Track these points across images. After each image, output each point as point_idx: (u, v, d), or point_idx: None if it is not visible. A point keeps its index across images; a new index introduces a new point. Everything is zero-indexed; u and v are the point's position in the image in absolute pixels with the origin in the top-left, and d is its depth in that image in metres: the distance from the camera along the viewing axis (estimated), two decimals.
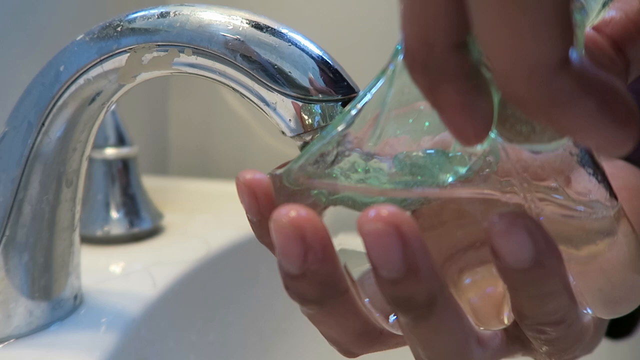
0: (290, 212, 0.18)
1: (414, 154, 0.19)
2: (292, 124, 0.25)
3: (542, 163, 0.19)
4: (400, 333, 0.20)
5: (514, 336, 0.22)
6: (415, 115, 0.19)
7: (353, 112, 0.19)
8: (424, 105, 0.18)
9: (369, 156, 0.19)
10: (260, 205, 0.21)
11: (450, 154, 0.19)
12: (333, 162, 0.19)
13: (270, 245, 0.22)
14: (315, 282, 0.19)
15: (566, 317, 0.20)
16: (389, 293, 0.18)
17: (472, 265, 0.20)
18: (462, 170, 0.19)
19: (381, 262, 0.17)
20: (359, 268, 0.20)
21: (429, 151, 0.19)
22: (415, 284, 0.17)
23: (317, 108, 0.25)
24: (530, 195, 0.19)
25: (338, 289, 0.19)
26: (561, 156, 0.19)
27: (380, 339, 0.22)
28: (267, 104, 0.25)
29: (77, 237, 0.33)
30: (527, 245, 0.17)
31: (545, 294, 0.18)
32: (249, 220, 0.22)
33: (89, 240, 0.44)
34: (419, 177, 0.19)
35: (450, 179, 0.19)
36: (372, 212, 0.17)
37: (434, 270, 0.18)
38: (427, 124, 0.19)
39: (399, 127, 0.19)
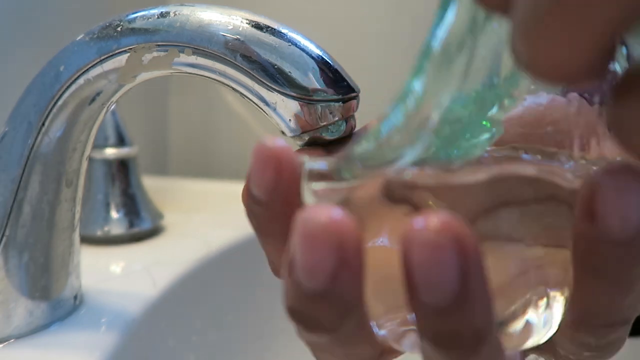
0: (325, 212, 0.14)
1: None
2: (292, 124, 0.25)
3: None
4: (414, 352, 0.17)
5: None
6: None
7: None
8: None
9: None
10: (281, 181, 0.17)
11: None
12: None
13: (272, 236, 0.19)
14: (338, 303, 0.15)
15: (634, 313, 0.17)
16: (429, 325, 0.15)
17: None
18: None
19: (429, 282, 0.14)
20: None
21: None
22: (466, 315, 0.14)
23: (317, 108, 0.25)
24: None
25: (358, 312, 0.16)
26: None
27: None
28: (267, 104, 0.25)
29: (77, 237, 0.33)
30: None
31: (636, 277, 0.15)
32: (254, 200, 0.18)
33: (89, 240, 0.44)
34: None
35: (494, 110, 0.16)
36: (421, 220, 0.14)
37: (490, 299, 0.15)
38: None
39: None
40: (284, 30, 0.25)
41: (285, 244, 0.17)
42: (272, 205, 0.18)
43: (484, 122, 0.17)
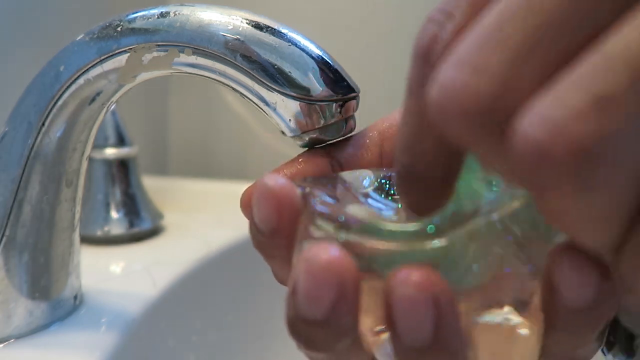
0: (326, 252, 0.16)
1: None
2: (292, 124, 0.25)
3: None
4: None
5: None
6: None
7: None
8: None
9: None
10: (281, 219, 0.19)
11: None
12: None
13: (275, 258, 0.20)
14: (334, 330, 0.17)
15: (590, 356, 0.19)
16: (408, 358, 0.17)
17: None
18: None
19: (406, 329, 0.16)
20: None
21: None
22: (441, 355, 0.16)
23: (317, 108, 0.25)
24: None
25: (353, 335, 0.18)
26: None
27: None
28: (267, 104, 0.25)
29: (77, 237, 0.33)
30: (593, 282, 0.16)
31: (590, 336, 0.18)
32: (258, 230, 0.19)
33: (89, 240, 0.44)
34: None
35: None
36: (403, 274, 0.16)
37: (463, 341, 0.16)
38: None
39: None
40: (284, 30, 0.25)
41: (289, 263, 0.19)
42: (274, 237, 0.19)
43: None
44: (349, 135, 0.25)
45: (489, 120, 0.13)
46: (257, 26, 0.25)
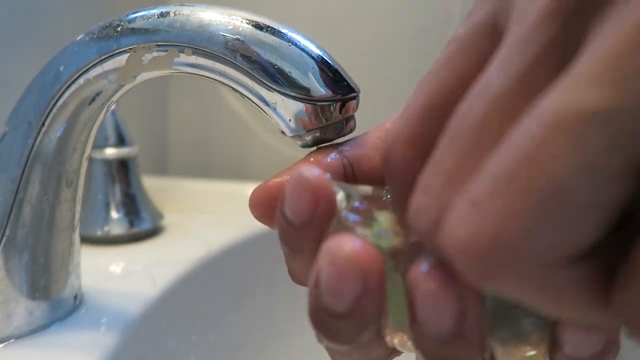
0: (350, 244, 0.16)
1: None
2: (292, 124, 0.25)
3: None
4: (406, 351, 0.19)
5: None
6: None
7: None
8: None
9: None
10: (317, 210, 0.18)
11: None
12: None
13: (300, 253, 0.20)
14: (358, 322, 0.17)
15: None
16: (428, 348, 0.16)
17: None
18: None
19: (428, 320, 0.16)
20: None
21: None
22: (461, 347, 0.16)
23: (317, 108, 0.25)
24: None
25: (377, 326, 0.18)
26: None
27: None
28: (267, 104, 0.25)
29: (77, 237, 0.33)
30: (597, 339, 0.17)
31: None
32: (289, 222, 0.19)
33: (89, 240, 0.44)
34: None
35: None
36: (426, 265, 0.16)
37: (484, 335, 0.16)
38: None
39: None
40: (284, 30, 0.25)
41: (312, 261, 0.19)
42: (306, 229, 0.19)
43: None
44: (350, 134, 0.25)
45: (430, 225, 0.15)
46: (257, 26, 0.25)
